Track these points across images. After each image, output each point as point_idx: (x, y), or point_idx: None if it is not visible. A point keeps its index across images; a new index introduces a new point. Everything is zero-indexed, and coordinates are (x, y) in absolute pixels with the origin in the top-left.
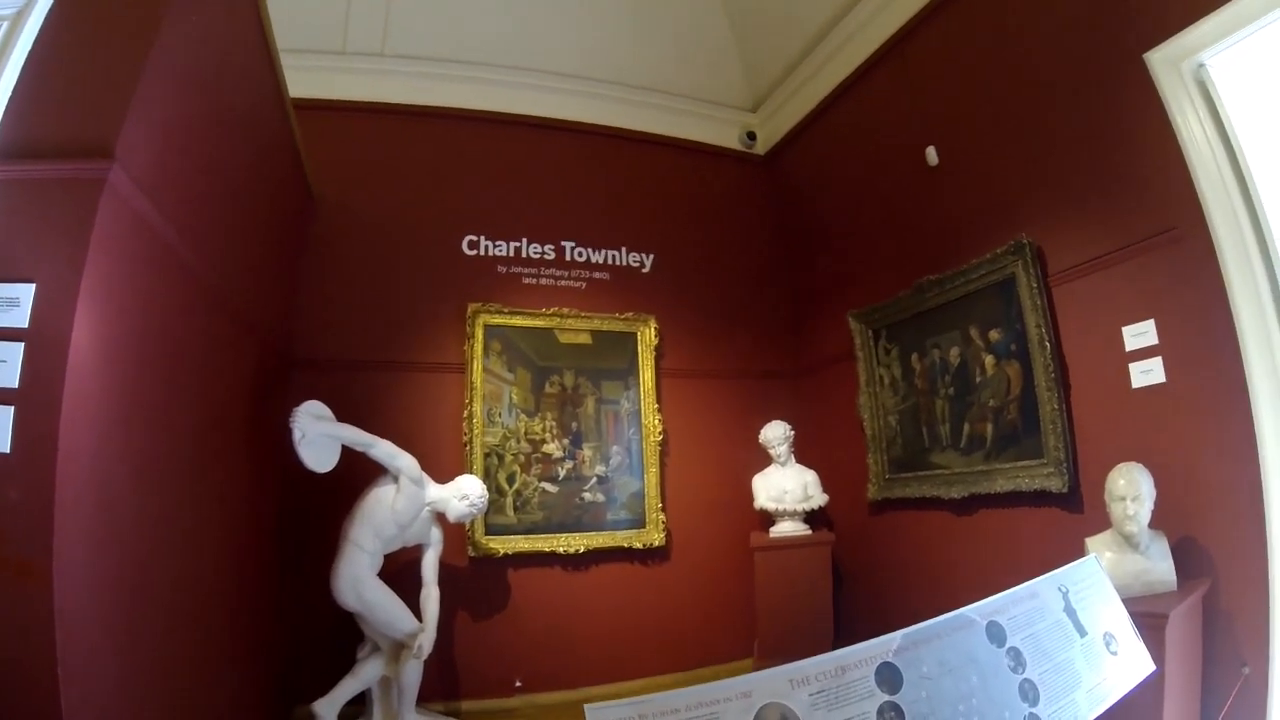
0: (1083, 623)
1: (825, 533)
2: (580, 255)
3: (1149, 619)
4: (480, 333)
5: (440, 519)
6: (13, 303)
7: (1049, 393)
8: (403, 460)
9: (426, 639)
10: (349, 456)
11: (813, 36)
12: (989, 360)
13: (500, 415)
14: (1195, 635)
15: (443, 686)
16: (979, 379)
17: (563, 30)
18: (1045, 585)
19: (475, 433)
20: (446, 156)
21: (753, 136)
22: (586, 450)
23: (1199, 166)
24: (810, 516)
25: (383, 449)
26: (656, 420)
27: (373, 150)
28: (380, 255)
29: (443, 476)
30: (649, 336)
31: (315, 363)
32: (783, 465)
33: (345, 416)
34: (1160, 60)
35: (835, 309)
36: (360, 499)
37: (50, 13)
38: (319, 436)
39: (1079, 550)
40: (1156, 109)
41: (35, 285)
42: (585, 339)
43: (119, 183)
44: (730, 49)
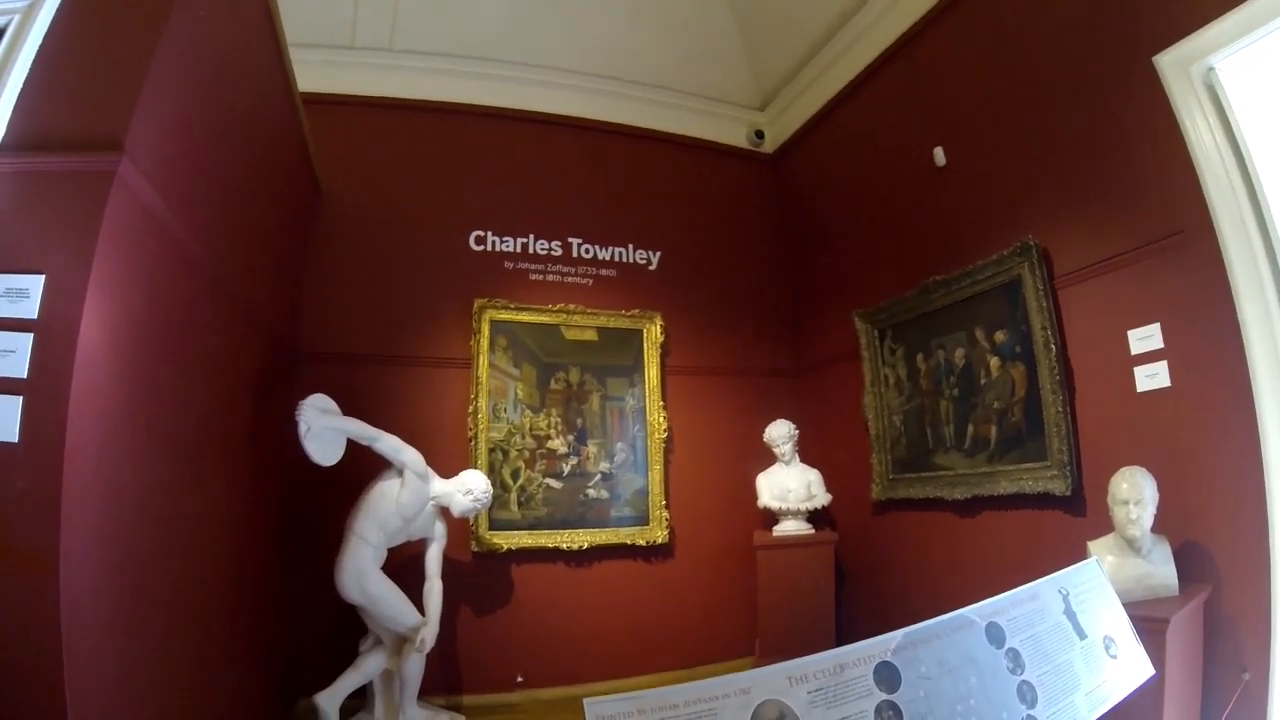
0: (1083, 625)
1: (828, 532)
2: (587, 252)
3: (1150, 623)
4: (486, 328)
5: (444, 513)
6: (22, 294)
7: (1053, 395)
8: (407, 454)
9: (429, 633)
10: (354, 451)
11: (820, 36)
12: (994, 362)
13: (505, 411)
14: (1196, 640)
15: (445, 681)
16: (984, 380)
17: (569, 26)
18: (1046, 587)
19: (480, 428)
20: (454, 152)
21: (760, 135)
22: (591, 447)
23: (1206, 170)
24: (813, 516)
25: (388, 443)
26: (661, 417)
27: (380, 145)
28: (387, 249)
29: (447, 471)
30: (654, 334)
31: (321, 356)
32: (787, 464)
33: (351, 410)
34: (1169, 63)
35: (841, 308)
36: (365, 492)
37: (60, 6)
38: (324, 430)
39: (1081, 553)
40: (1164, 112)
41: (45, 276)
42: (591, 335)
43: (128, 175)
44: (738, 47)
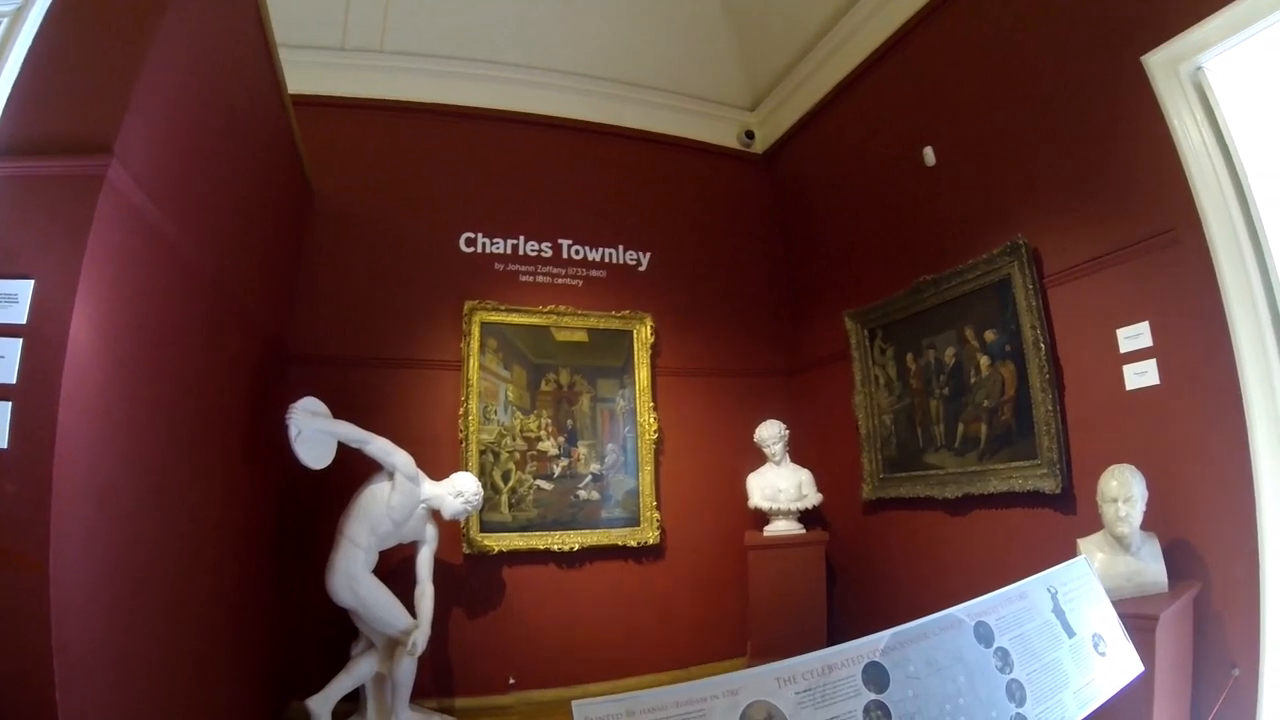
0: (1071, 623)
1: (819, 532)
2: (577, 253)
3: (1139, 620)
4: (477, 330)
5: (435, 516)
6: (11, 299)
7: (1043, 394)
8: (398, 457)
9: (421, 636)
10: (344, 453)
11: (811, 36)
12: (984, 361)
13: (496, 413)
14: (1186, 637)
15: (437, 683)
16: (974, 379)
17: (560, 27)
18: (1034, 586)
19: (471, 430)
20: (444, 153)
21: (751, 135)
22: (581, 448)
23: (1195, 169)
24: (804, 516)
25: (378, 446)
26: (652, 418)
27: (371, 146)
28: (378, 251)
29: (438, 474)
30: (645, 334)
31: (312, 359)
32: (777, 464)
33: (341, 413)
34: (1158, 63)
35: (831, 308)
36: (356, 495)
37: (50, 9)
38: (315, 433)
39: (1072, 551)
40: (1153, 111)
41: (34, 281)
42: (581, 337)
43: (118, 179)
44: (729, 47)
